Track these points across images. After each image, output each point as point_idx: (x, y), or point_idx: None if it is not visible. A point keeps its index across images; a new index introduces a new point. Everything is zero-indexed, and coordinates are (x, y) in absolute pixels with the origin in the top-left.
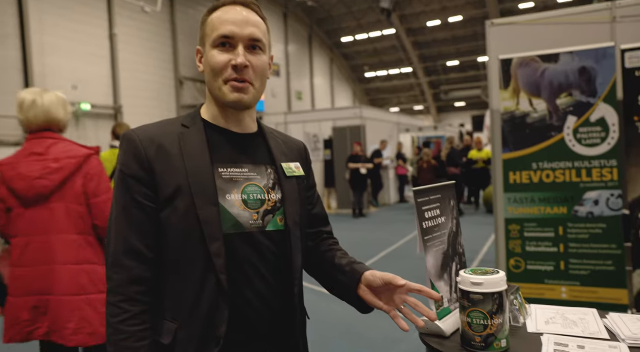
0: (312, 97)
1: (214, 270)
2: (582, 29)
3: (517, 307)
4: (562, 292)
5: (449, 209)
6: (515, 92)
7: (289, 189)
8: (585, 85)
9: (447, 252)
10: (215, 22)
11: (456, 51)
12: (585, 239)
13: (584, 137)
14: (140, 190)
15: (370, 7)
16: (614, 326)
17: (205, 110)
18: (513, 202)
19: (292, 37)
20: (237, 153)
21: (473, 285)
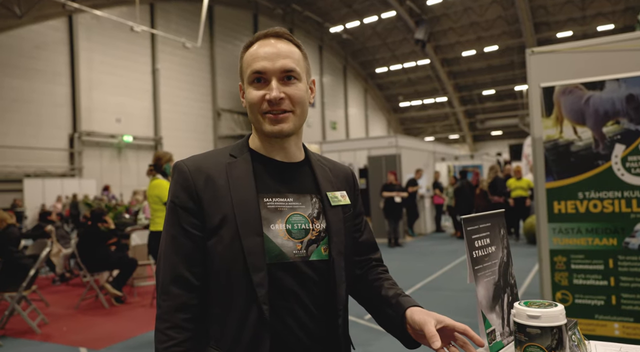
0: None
1: (257, 300)
2: (628, 55)
3: (575, 342)
4: (615, 329)
5: (499, 238)
6: (558, 119)
7: (333, 218)
8: (633, 112)
9: (498, 282)
10: (249, 58)
11: (492, 80)
12: (638, 272)
13: (633, 166)
14: (188, 219)
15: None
16: None
17: (252, 141)
18: (558, 232)
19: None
20: (282, 182)
21: (529, 318)
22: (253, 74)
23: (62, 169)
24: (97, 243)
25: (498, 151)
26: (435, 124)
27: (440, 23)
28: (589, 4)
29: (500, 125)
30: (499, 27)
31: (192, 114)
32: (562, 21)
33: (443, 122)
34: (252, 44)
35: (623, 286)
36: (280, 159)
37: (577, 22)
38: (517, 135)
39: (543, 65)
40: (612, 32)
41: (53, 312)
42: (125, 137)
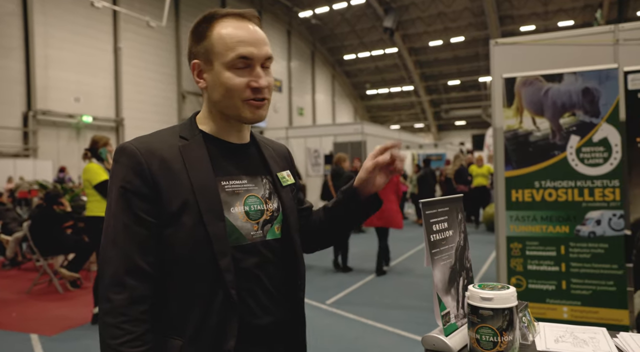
0: (313, 112)
1: (224, 285)
2: (586, 50)
3: (525, 324)
4: (564, 312)
5: (457, 222)
6: (518, 110)
7: (286, 198)
8: (588, 105)
9: (454, 266)
10: (228, 40)
11: (457, 71)
12: (587, 258)
13: (586, 157)
14: (142, 206)
15: (373, 26)
16: (626, 345)
17: (203, 122)
18: (515, 220)
19: (295, 53)
20: (236, 164)
21: (483, 300)
22: (239, 59)
23: (15, 149)
24: (52, 226)
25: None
26: (401, 113)
27: (409, 12)
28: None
29: (464, 115)
30: (466, 19)
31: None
32: (526, 15)
33: (409, 111)
34: (217, 18)
35: (573, 271)
36: (232, 141)
37: (540, 17)
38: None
39: (506, 56)
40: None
41: (2, 297)
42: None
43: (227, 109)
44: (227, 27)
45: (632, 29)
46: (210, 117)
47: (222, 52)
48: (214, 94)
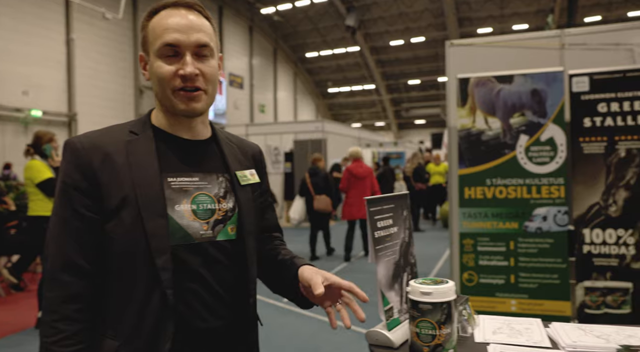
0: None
1: (160, 284)
2: (535, 53)
3: (465, 317)
4: (512, 305)
5: (402, 219)
6: (471, 110)
7: (243, 197)
8: (536, 106)
9: (398, 262)
10: (157, 28)
11: (417, 70)
12: (534, 253)
13: (534, 156)
14: (82, 201)
15: (335, 24)
16: (556, 334)
17: (155, 117)
18: (467, 216)
19: (256, 50)
20: (188, 161)
21: (422, 295)
22: (164, 47)
23: None
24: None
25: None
26: (362, 111)
27: (371, 11)
28: (507, 3)
29: (423, 114)
30: (426, 20)
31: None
32: (483, 18)
33: (370, 110)
34: (157, 11)
35: (521, 265)
36: (186, 137)
37: (496, 20)
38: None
39: (460, 57)
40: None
41: None
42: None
43: (163, 100)
44: (160, 17)
45: (576, 34)
46: (160, 111)
47: (152, 41)
48: (153, 85)
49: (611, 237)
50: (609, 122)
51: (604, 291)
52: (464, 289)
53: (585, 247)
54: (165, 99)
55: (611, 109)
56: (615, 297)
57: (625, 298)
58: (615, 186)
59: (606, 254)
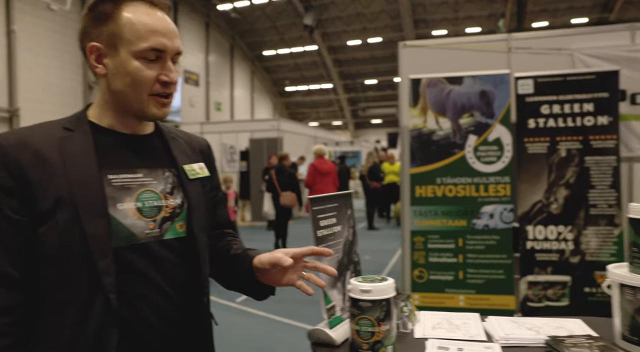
0: (231, 108)
1: (103, 289)
2: (484, 55)
3: (406, 314)
4: (460, 300)
5: (346, 218)
6: (423, 110)
7: (192, 192)
8: (484, 107)
9: (342, 260)
10: (140, 28)
11: (374, 70)
12: (481, 249)
13: (482, 155)
14: (9, 202)
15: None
16: (491, 328)
17: (95, 112)
18: (418, 214)
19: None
20: (130, 157)
21: (362, 292)
22: (150, 51)
23: None
24: None
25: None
26: (319, 110)
27: (329, 11)
28: (460, 6)
29: (380, 114)
30: (383, 20)
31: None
32: (438, 20)
33: (327, 109)
34: (127, 2)
35: (469, 262)
36: (126, 131)
37: (451, 22)
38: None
39: (413, 58)
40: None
41: None
42: None
43: (130, 101)
44: (139, 13)
45: (522, 38)
46: (106, 107)
47: (131, 39)
48: (117, 82)
49: (552, 233)
50: (551, 124)
51: (545, 284)
52: (414, 286)
53: (529, 243)
54: (136, 101)
55: (553, 110)
56: (555, 290)
57: (564, 291)
58: (556, 184)
59: (547, 250)
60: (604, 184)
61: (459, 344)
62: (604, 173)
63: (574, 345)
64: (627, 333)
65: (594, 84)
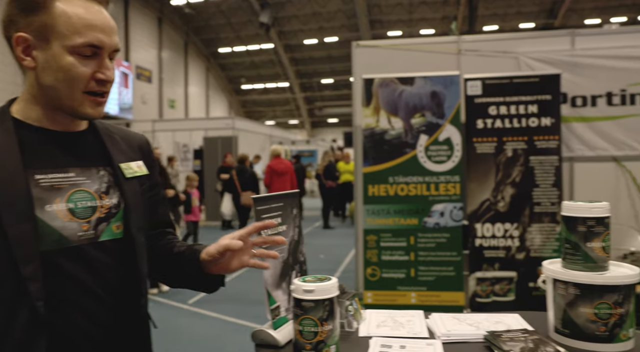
0: (185, 105)
1: (28, 297)
2: (436, 57)
3: (351, 312)
4: (412, 297)
5: (291, 217)
6: (376, 110)
7: (129, 191)
8: (435, 107)
9: (287, 260)
10: (77, 22)
11: (331, 70)
12: (432, 247)
13: (433, 155)
14: None
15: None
16: (434, 325)
17: (20, 108)
18: (371, 213)
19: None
20: (60, 155)
21: (305, 292)
22: (86, 46)
23: None
24: None
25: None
26: (276, 109)
27: (285, 9)
28: (415, 8)
29: (336, 113)
30: (339, 20)
31: None
32: (394, 21)
33: (284, 107)
34: None
35: (420, 259)
36: (55, 128)
37: (406, 24)
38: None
39: (366, 58)
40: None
41: None
42: None
43: (62, 98)
44: (75, 5)
45: (471, 41)
46: (33, 102)
47: (66, 33)
48: (47, 77)
49: (499, 230)
50: (498, 124)
51: (492, 280)
52: (367, 284)
53: (477, 240)
54: (68, 98)
55: (500, 111)
56: (502, 286)
57: (510, 286)
58: (503, 183)
59: (495, 247)
60: (547, 182)
61: (402, 342)
62: (547, 172)
63: (510, 339)
64: (559, 326)
65: (537, 87)
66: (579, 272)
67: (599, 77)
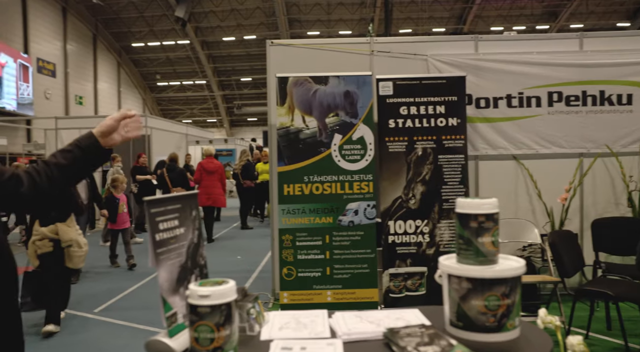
0: (95, 102)
1: None
2: (350, 57)
3: (253, 316)
4: (328, 296)
5: (190, 219)
6: (290, 109)
7: None
8: (349, 107)
9: (185, 264)
10: None
11: (250, 68)
12: (347, 245)
13: (347, 154)
14: None
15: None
16: (335, 324)
17: None
18: (287, 213)
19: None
20: None
21: (200, 298)
22: None
23: None
24: None
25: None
26: (193, 107)
27: (202, 4)
28: (333, 9)
29: (255, 112)
30: (258, 18)
31: None
32: (312, 21)
33: (202, 106)
34: None
35: (335, 258)
36: None
37: (324, 24)
38: None
39: (281, 57)
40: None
41: None
42: None
43: None
44: None
45: (384, 42)
46: None
47: None
48: None
49: (411, 227)
50: (409, 124)
51: (405, 276)
52: (284, 284)
53: (390, 237)
54: None
55: (411, 111)
56: (414, 281)
57: (421, 281)
58: (414, 181)
59: (407, 243)
60: (455, 180)
61: (303, 343)
62: (455, 170)
63: (407, 335)
64: (454, 319)
65: (445, 88)
66: (471, 266)
67: (500, 80)
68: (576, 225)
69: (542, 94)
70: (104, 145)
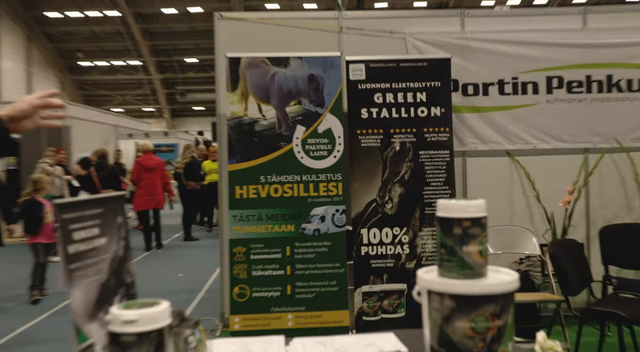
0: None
1: None
2: (314, 35)
3: (193, 344)
4: (289, 320)
5: (115, 228)
6: (243, 95)
7: None
8: (313, 94)
9: (106, 283)
10: None
11: (196, 47)
12: (312, 258)
13: (311, 149)
14: None
15: None
16: None
17: None
18: (239, 220)
19: None
20: None
21: (124, 324)
22: None
23: None
24: None
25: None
26: (125, 93)
27: None
28: None
29: (203, 99)
30: None
31: None
32: None
33: (136, 92)
34: None
35: (298, 274)
36: None
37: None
38: None
39: (232, 34)
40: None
41: None
42: None
43: None
44: None
45: (354, 18)
46: None
47: None
48: None
49: (387, 236)
50: (385, 114)
51: (380, 295)
52: (234, 307)
53: (363, 248)
54: None
55: (387, 99)
56: (392, 301)
57: (400, 301)
58: (391, 181)
59: (383, 255)
60: (438, 180)
61: None
62: (438, 168)
63: None
64: (435, 345)
65: (426, 72)
66: (455, 280)
67: (491, 63)
68: (582, 233)
69: (540, 79)
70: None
